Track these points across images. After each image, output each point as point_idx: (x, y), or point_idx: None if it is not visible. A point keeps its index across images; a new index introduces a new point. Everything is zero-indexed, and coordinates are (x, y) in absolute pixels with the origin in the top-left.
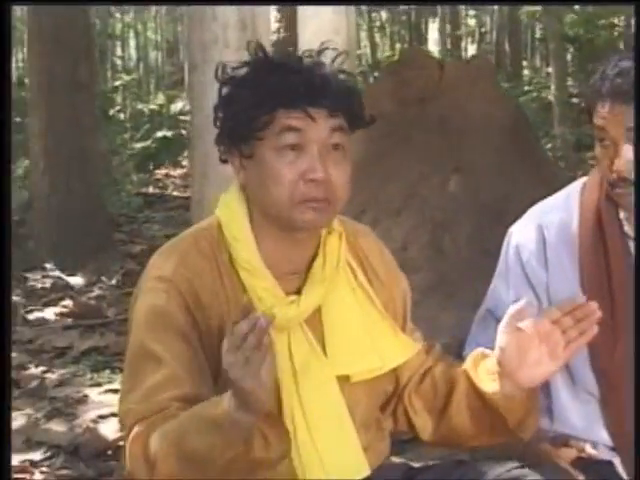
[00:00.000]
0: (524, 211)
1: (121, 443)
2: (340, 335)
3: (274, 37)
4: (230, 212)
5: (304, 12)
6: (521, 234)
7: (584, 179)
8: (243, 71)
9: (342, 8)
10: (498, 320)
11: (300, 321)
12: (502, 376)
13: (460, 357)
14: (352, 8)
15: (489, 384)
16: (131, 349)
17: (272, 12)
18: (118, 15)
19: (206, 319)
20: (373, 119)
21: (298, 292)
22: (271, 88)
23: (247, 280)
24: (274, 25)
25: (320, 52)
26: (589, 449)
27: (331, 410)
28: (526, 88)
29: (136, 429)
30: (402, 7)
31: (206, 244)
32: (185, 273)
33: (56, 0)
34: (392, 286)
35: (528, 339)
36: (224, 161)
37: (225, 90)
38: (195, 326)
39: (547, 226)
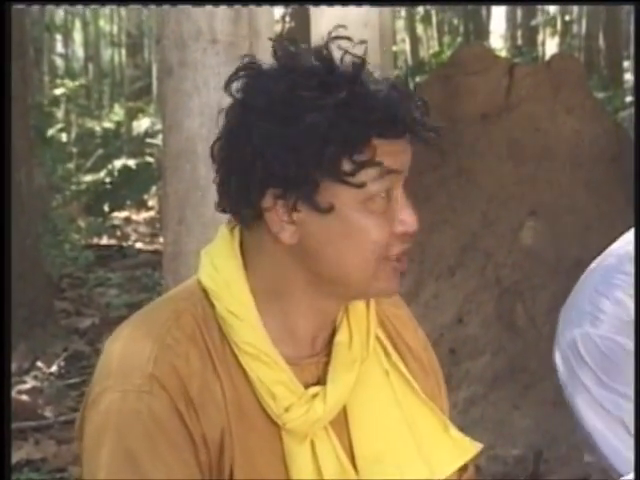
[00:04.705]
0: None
1: None
2: (373, 438)
3: (278, 28)
4: (223, 278)
5: None
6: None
7: None
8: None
9: None
10: None
11: (327, 422)
12: None
13: (538, 474)
14: None
15: None
16: None
17: None
18: None
19: (200, 427)
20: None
21: (317, 382)
22: (363, 107)
23: (253, 370)
24: (277, 12)
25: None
26: None
27: None
28: (629, 99)
29: None
30: None
31: (190, 320)
32: (171, 363)
33: (56, 0)
34: (432, 370)
35: None
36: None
37: (278, 109)
38: (189, 439)
39: None
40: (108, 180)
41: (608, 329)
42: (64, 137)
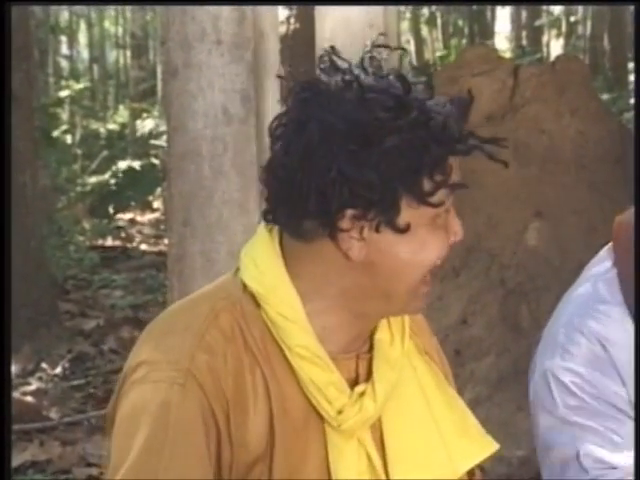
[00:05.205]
0: None
1: None
2: (404, 436)
3: (282, 29)
4: (269, 281)
5: None
6: None
7: None
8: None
9: None
10: None
11: (375, 419)
12: None
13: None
14: None
15: None
16: (112, 474)
17: None
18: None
19: (229, 426)
20: None
21: (356, 378)
22: (438, 126)
23: (305, 372)
24: (282, 13)
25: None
26: None
27: None
28: (634, 101)
29: None
30: None
31: (229, 320)
32: (209, 362)
33: (56, 0)
34: (445, 377)
35: None
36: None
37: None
38: (215, 438)
39: None
40: (113, 181)
41: (582, 362)
42: (69, 139)
